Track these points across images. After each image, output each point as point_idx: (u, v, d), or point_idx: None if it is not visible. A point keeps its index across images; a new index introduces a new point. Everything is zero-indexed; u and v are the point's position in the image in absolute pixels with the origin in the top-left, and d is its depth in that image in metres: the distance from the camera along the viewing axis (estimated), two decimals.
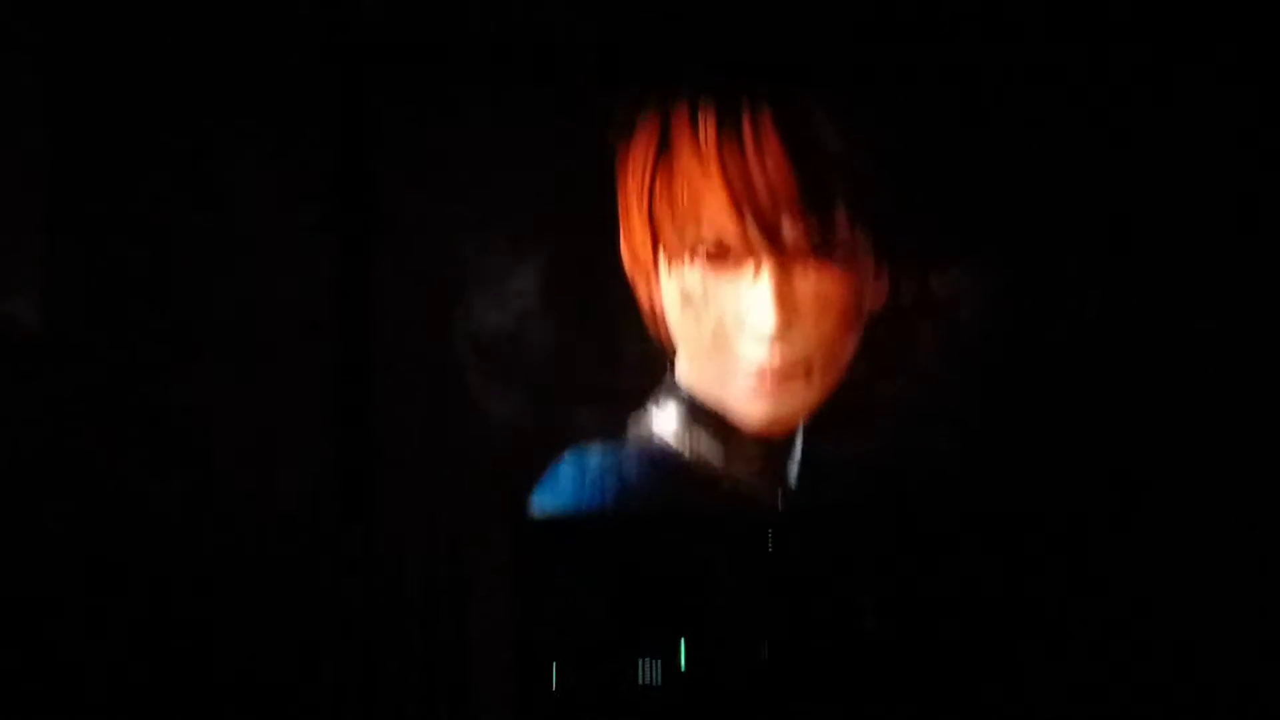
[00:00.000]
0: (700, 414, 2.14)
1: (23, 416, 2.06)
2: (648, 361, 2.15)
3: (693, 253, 2.10)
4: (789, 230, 2.08)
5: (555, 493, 2.14)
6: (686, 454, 2.15)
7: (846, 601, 2.12)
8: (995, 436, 2.13)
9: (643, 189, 2.11)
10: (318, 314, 2.11)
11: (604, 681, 2.11)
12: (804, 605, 2.12)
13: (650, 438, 2.15)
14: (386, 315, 2.12)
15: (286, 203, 2.11)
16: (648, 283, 2.13)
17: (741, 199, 2.07)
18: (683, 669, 2.10)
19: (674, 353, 2.15)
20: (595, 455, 2.14)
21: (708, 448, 2.15)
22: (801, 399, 2.13)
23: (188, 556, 2.06)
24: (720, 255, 2.09)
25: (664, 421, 2.15)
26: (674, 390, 2.15)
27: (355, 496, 2.12)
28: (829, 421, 2.13)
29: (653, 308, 2.14)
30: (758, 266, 2.09)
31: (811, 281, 2.09)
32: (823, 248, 2.09)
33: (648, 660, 2.10)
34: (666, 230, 2.11)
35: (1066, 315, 2.13)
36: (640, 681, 2.11)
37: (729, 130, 2.08)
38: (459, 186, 2.14)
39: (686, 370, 2.15)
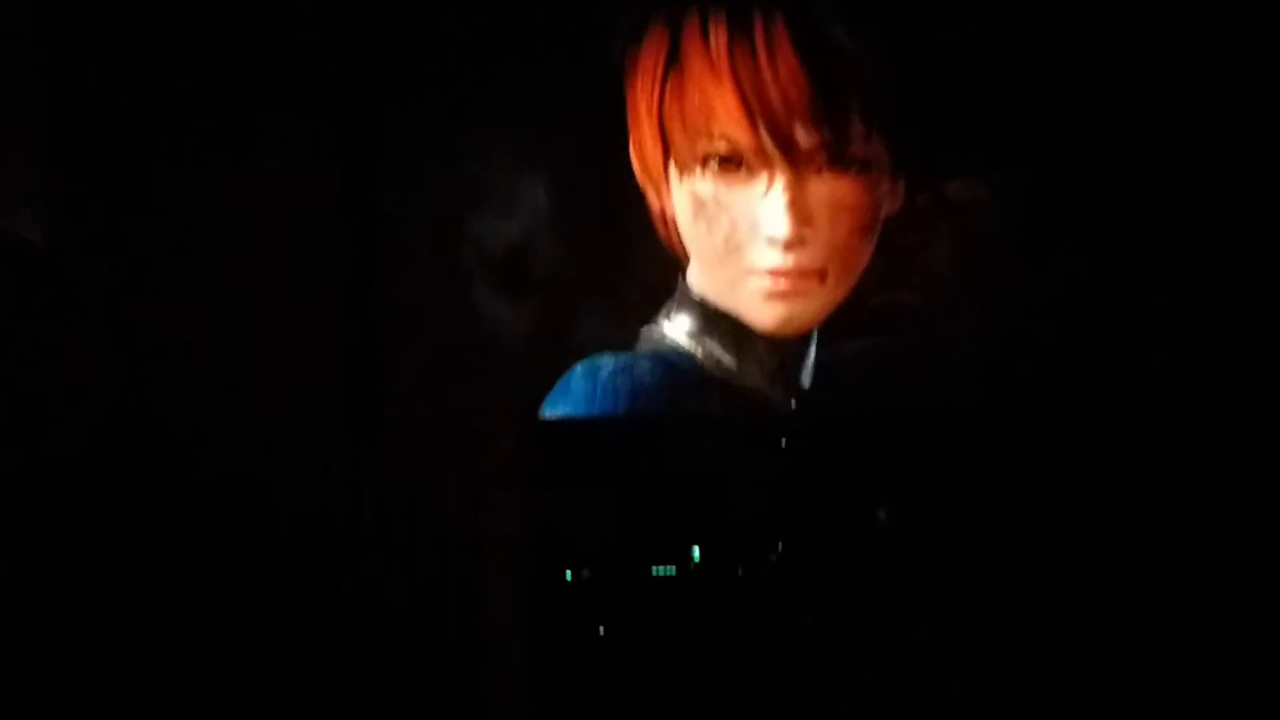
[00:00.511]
0: (713, 320, 2.12)
1: (24, 334, 2.03)
2: (659, 270, 2.12)
3: (704, 161, 2.05)
4: (803, 138, 2.03)
5: (567, 400, 2.13)
6: (699, 359, 2.13)
7: (859, 503, 2.13)
8: (1011, 341, 2.12)
9: (652, 98, 2.05)
10: (323, 227, 2.08)
11: (617, 576, 2.12)
12: (816, 507, 2.13)
13: (662, 345, 2.13)
14: (392, 229, 2.09)
15: (290, 110, 2.06)
16: (658, 191, 2.10)
17: (754, 107, 2.02)
18: (696, 563, 2.11)
19: (686, 260, 2.12)
20: (607, 362, 2.13)
21: (720, 353, 2.13)
22: (816, 304, 2.11)
23: (191, 469, 2.05)
24: (733, 163, 2.05)
25: (676, 328, 2.13)
26: (686, 297, 2.12)
27: (361, 411, 2.11)
28: (843, 326, 2.12)
29: (664, 216, 2.11)
30: (771, 174, 2.04)
31: (826, 188, 2.05)
32: (837, 155, 2.04)
33: (661, 558, 2.12)
34: (677, 139, 2.06)
35: (1085, 221, 2.11)
36: (654, 575, 2.12)
37: (741, 38, 2.02)
38: (464, 97, 2.08)
39: (698, 277, 2.12)
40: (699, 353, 2.13)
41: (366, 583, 2.07)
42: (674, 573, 2.10)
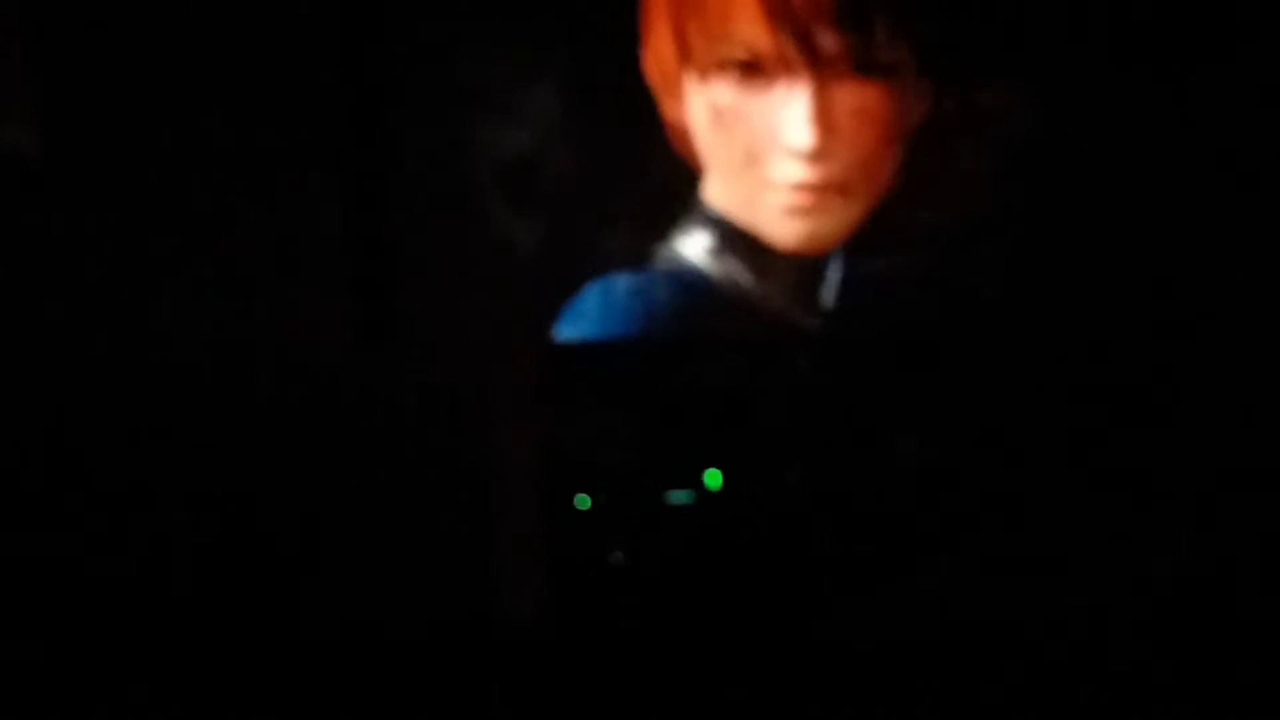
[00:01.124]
0: (732, 236, 2.04)
1: (23, 249, 1.97)
2: (675, 183, 2.04)
3: (723, 67, 1.97)
4: (826, 42, 1.94)
5: (581, 320, 2.06)
6: (718, 278, 2.05)
7: (883, 427, 2.05)
8: (1041, 257, 2.03)
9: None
10: (331, 137, 2.00)
11: (633, 503, 2.06)
12: (839, 431, 2.06)
13: (679, 262, 2.06)
14: (401, 140, 2.01)
15: (292, 25, 1.98)
16: (674, 100, 2.01)
17: (775, 9, 1.93)
18: (714, 491, 2.05)
19: (703, 173, 2.04)
20: (622, 282, 2.05)
21: (740, 271, 2.05)
22: (839, 219, 2.03)
23: (202, 385, 1.99)
24: (752, 69, 1.96)
25: (694, 245, 2.05)
26: (703, 213, 2.04)
27: (372, 326, 2.04)
28: (868, 242, 2.04)
29: (680, 126, 2.02)
30: (793, 81, 1.96)
31: (849, 96, 1.97)
32: (862, 60, 1.95)
33: (678, 484, 2.05)
34: (695, 43, 1.97)
35: (1118, 130, 2.01)
36: (670, 504, 2.06)
37: None
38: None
39: (717, 191, 2.04)
40: (717, 271, 2.05)
41: (372, 505, 2.00)
42: (691, 498, 2.03)
